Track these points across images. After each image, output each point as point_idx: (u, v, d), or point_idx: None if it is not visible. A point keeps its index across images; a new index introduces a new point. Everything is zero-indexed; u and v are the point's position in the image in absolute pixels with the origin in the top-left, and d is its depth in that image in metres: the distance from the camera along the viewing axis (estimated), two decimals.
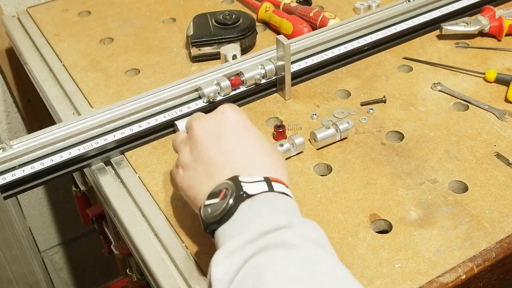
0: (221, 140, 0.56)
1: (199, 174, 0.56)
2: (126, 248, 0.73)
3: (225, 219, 0.51)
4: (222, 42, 0.90)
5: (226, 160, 0.55)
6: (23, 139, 0.73)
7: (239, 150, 0.55)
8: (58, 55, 0.96)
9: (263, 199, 0.51)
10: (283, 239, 0.47)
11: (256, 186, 0.52)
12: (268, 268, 0.46)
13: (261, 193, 0.51)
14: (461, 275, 0.60)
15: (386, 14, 0.91)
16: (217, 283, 0.47)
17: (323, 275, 0.45)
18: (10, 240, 0.88)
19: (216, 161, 0.55)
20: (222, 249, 0.48)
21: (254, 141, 0.57)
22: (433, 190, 0.68)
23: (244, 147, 0.56)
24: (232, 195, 0.51)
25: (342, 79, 0.87)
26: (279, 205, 0.51)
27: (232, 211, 0.51)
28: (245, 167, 0.54)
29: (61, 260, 1.56)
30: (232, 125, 0.57)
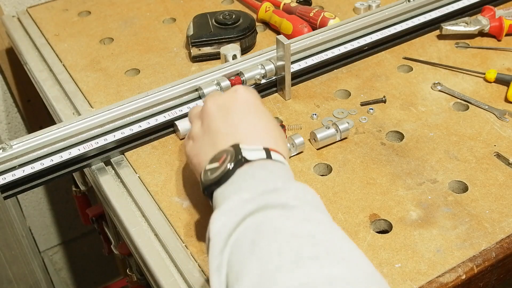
0: (229, 114, 0.59)
1: (205, 143, 0.59)
2: (126, 248, 0.73)
3: (223, 180, 0.53)
4: (222, 42, 0.90)
5: (231, 131, 0.58)
6: (23, 139, 0.73)
7: (244, 123, 0.59)
8: (58, 55, 0.96)
9: (261, 164, 0.54)
10: (282, 200, 0.49)
11: (255, 153, 0.55)
12: (267, 224, 0.47)
13: (259, 160, 0.54)
14: (461, 275, 0.60)
15: (386, 14, 0.91)
16: (215, 237, 0.48)
17: (320, 234, 0.46)
18: (10, 240, 0.88)
19: (221, 132, 0.59)
20: (221, 207, 0.50)
21: (260, 117, 0.60)
22: (433, 190, 0.68)
23: (249, 121, 0.59)
24: (231, 160, 0.54)
25: (342, 79, 0.87)
26: (276, 170, 0.54)
27: (230, 174, 0.53)
28: (247, 137, 0.57)
29: (61, 260, 1.56)
30: (242, 101, 0.61)
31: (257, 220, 0.48)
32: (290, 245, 0.44)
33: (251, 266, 0.44)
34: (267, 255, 0.44)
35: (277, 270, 0.43)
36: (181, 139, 0.78)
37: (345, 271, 0.42)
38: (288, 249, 0.44)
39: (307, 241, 0.45)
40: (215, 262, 0.47)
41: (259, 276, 0.43)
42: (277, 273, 0.42)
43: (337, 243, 0.46)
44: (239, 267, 0.45)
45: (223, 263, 0.47)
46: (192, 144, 0.62)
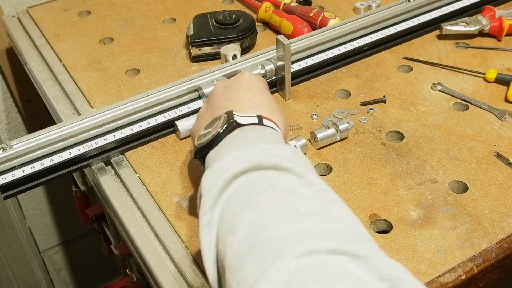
0: (231, 90, 0.63)
1: (206, 117, 0.61)
2: (126, 248, 0.73)
3: (214, 143, 0.55)
4: (222, 42, 0.90)
5: (229, 104, 0.60)
6: (23, 139, 0.73)
7: (242, 97, 0.61)
8: (58, 55, 0.96)
9: (252, 128, 0.55)
10: (274, 161, 0.49)
11: (247, 119, 0.56)
12: (262, 182, 0.47)
13: (251, 124, 0.55)
14: (461, 275, 0.60)
15: (386, 14, 0.91)
16: (206, 193, 0.48)
17: (315, 194, 0.46)
18: (10, 240, 0.88)
19: (221, 105, 0.61)
20: (213, 165, 0.50)
21: (260, 94, 0.62)
22: (433, 190, 0.68)
23: (248, 96, 0.61)
24: (223, 123, 0.55)
25: (342, 79, 0.87)
26: (267, 134, 0.55)
27: (221, 137, 0.55)
28: (243, 108, 0.59)
29: (61, 260, 1.56)
30: (245, 81, 0.64)
31: (250, 178, 0.48)
32: (286, 201, 0.45)
33: (245, 218, 0.44)
34: (262, 208, 0.44)
35: (273, 220, 0.42)
36: (181, 139, 0.78)
37: (340, 228, 0.42)
38: (284, 203, 0.44)
39: (302, 199, 0.45)
40: (205, 218, 0.47)
41: (252, 227, 0.43)
42: (272, 223, 0.42)
43: (331, 204, 0.46)
44: (232, 221, 0.45)
45: (214, 220, 0.47)
46: (196, 123, 0.64)
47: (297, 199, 0.45)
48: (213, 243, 0.46)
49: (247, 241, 0.42)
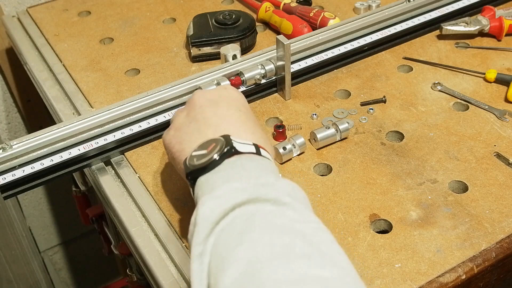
0: (219, 106, 0.60)
1: (190, 131, 0.59)
2: (126, 248, 0.73)
3: (210, 168, 0.53)
4: (222, 42, 0.90)
5: (221, 122, 0.58)
6: (23, 139, 0.73)
7: (234, 118, 0.59)
8: (58, 55, 0.96)
9: (250, 157, 0.54)
10: (273, 195, 0.48)
11: (245, 147, 0.54)
12: (259, 217, 0.46)
13: (248, 153, 0.54)
14: (461, 275, 0.60)
15: (386, 14, 0.91)
16: (202, 222, 0.47)
17: (311, 234, 0.46)
18: (10, 240, 0.88)
19: (211, 122, 0.58)
20: (211, 193, 0.50)
21: (249, 116, 0.60)
22: (433, 190, 0.68)
23: (239, 117, 0.59)
24: (221, 148, 0.53)
25: (342, 79, 0.87)
26: (265, 165, 0.54)
27: (218, 162, 0.53)
28: (237, 132, 0.57)
29: (61, 260, 1.56)
30: (230, 98, 0.61)
31: (247, 211, 0.47)
32: (282, 240, 0.44)
33: (239, 255, 0.43)
34: (257, 246, 0.43)
35: (267, 261, 0.42)
36: None
37: (335, 274, 0.42)
38: (280, 243, 0.43)
39: (299, 239, 0.44)
40: (198, 249, 0.46)
41: (247, 266, 0.42)
42: (267, 265, 0.41)
43: (327, 245, 0.45)
44: (225, 255, 0.44)
45: (207, 251, 0.46)
46: (173, 133, 0.61)
47: (294, 239, 0.44)
48: (205, 273, 0.45)
49: (240, 281, 0.41)
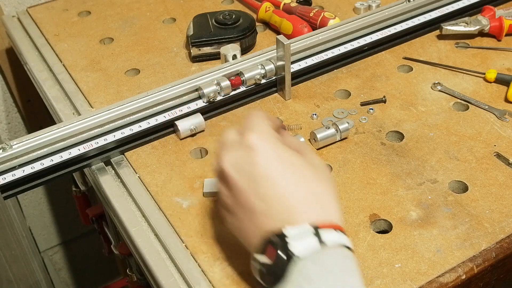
0: (255, 182, 0.51)
1: (242, 220, 0.53)
2: (126, 248, 0.73)
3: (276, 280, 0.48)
4: (222, 42, 0.90)
5: (266, 207, 0.50)
6: (23, 139, 0.73)
7: (277, 192, 0.50)
8: (58, 55, 0.96)
9: (313, 260, 0.47)
10: None
11: (304, 243, 0.47)
12: None
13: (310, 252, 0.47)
14: (461, 275, 0.60)
15: (386, 14, 0.91)
16: None
17: None
18: (10, 240, 0.88)
19: (256, 209, 0.51)
20: None
21: (292, 174, 0.51)
22: (433, 190, 0.68)
23: (282, 186, 0.51)
24: (279, 256, 0.47)
25: (342, 79, 0.87)
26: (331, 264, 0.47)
27: (281, 274, 0.47)
28: (288, 214, 0.50)
29: (61, 260, 1.56)
30: (263, 160, 0.51)
31: None
32: None
33: None
34: None
35: None
36: (181, 139, 0.78)
37: None
38: None
39: None
40: None
41: None
42: None
43: None
44: None
45: None
46: (229, 216, 0.55)
47: None
48: None
49: None
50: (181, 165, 0.74)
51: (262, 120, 0.55)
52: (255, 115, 0.56)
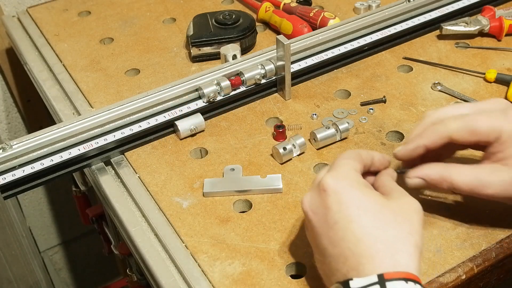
0: (327, 225, 0.51)
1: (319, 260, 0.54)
2: (126, 248, 0.73)
3: None
4: (222, 42, 0.90)
5: (337, 252, 0.50)
6: (23, 139, 0.73)
7: (346, 238, 0.50)
8: (58, 55, 0.96)
9: None
10: None
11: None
12: None
13: None
14: (461, 275, 0.60)
15: (386, 14, 0.91)
16: None
17: None
18: (10, 240, 0.88)
19: (328, 253, 0.51)
20: None
21: (364, 220, 0.50)
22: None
23: (353, 232, 0.49)
24: None
25: (342, 79, 0.87)
26: None
27: None
28: (355, 262, 0.49)
29: (61, 260, 1.56)
30: (335, 204, 0.51)
31: None
32: None
33: None
34: None
35: None
36: (181, 139, 0.78)
37: None
38: None
39: None
40: None
41: None
42: None
43: None
44: None
45: None
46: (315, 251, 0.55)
47: None
48: None
49: None
50: (181, 165, 0.74)
51: (347, 161, 0.55)
52: (344, 156, 0.56)
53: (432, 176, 0.58)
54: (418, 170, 0.59)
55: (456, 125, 0.58)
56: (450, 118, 0.59)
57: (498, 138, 0.57)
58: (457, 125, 0.58)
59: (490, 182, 0.57)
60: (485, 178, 0.57)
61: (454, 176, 0.57)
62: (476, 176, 0.57)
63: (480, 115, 0.58)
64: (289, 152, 0.73)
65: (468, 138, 0.57)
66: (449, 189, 0.59)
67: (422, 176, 0.59)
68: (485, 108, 0.59)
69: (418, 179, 0.59)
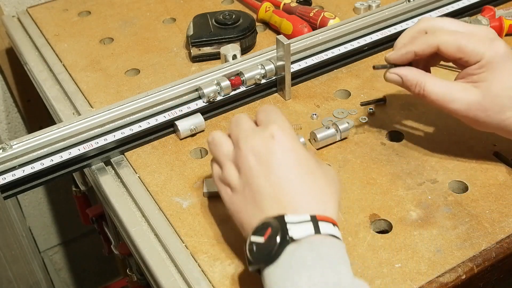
0: (270, 168, 0.55)
1: (246, 200, 0.56)
2: (126, 248, 0.73)
3: (270, 261, 0.51)
4: (222, 42, 0.90)
5: (274, 192, 0.54)
6: (23, 139, 0.73)
7: (287, 182, 0.54)
8: (58, 55, 0.96)
9: (309, 244, 0.50)
10: None
11: (302, 228, 0.51)
12: None
13: (306, 237, 0.51)
14: (461, 275, 0.60)
15: (386, 14, 0.91)
16: None
17: None
18: (10, 240, 0.88)
19: (264, 192, 0.54)
20: None
21: (304, 171, 0.55)
22: (433, 190, 0.68)
23: (293, 178, 0.54)
24: (277, 238, 0.51)
25: (342, 79, 0.87)
26: (325, 251, 0.50)
27: (277, 255, 0.50)
28: (292, 203, 0.53)
29: (61, 260, 1.56)
30: (282, 152, 0.55)
31: None
32: None
33: None
34: None
35: None
36: (181, 139, 0.78)
37: None
38: None
39: None
40: None
41: None
42: None
43: None
44: None
45: None
46: (231, 194, 0.58)
47: None
48: None
49: None
50: (181, 165, 0.74)
51: (281, 114, 0.60)
52: (273, 109, 0.60)
53: (408, 77, 0.66)
54: (398, 69, 0.67)
55: (446, 38, 0.64)
56: (442, 31, 0.65)
57: (478, 61, 0.63)
58: (447, 39, 0.64)
59: (458, 98, 0.63)
60: (455, 93, 0.64)
61: (427, 84, 0.64)
62: (447, 89, 0.64)
63: (469, 36, 0.64)
64: None
65: (453, 53, 0.64)
66: (419, 94, 0.65)
67: (400, 74, 0.66)
68: (476, 32, 0.65)
69: (396, 76, 0.67)
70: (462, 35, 0.64)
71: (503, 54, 0.63)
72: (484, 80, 0.63)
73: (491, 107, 0.63)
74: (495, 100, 0.62)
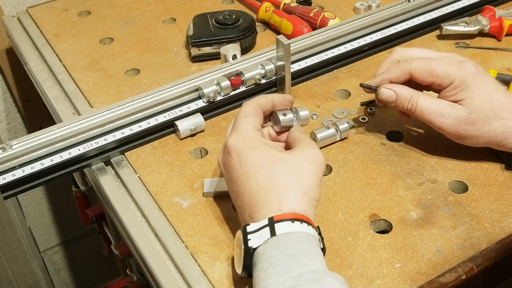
0: (233, 182, 0.59)
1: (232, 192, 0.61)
2: (126, 248, 0.73)
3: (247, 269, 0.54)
4: (222, 42, 0.90)
5: (240, 204, 0.58)
6: (23, 139, 0.73)
7: (247, 192, 0.57)
8: (58, 55, 0.96)
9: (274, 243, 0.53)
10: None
11: (261, 235, 0.54)
12: None
13: (270, 239, 0.53)
14: (461, 275, 0.60)
15: (386, 14, 0.91)
16: None
17: None
18: (10, 240, 0.88)
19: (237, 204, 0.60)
20: None
21: (258, 175, 0.57)
22: (433, 190, 0.68)
23: (250, 186, 0.57)
24: (242, 253, 0.54)
25: (342, 79, 0.87)
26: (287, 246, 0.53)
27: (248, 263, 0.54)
28: (252, 213, 0.56)
29: (61, 260, 1.56)
30: (237, 164, 0.58)
31: None
32: None
33: None
34: None
35: None
36: (181, 139, 0.78)
37: None
38: None
39: None
40: None
41: None
42: None
43: None
44: None
45: None
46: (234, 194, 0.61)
47: None
48: None
49: None
50: (181, 165, 0.74)
51: (247, 120, 0.62)
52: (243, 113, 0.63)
53: (402, 92, 0.68)
54: (393, 85, 0.70)
55: (418, 65, 0.68)
56: (414, 58, 0.69)
57: (451, 83, 0.66)
58: (419, 65, 0.68)
59: (448, 112, 0.66)
60: (444, 108, 0.66)
61: (420, 99, 0.67)
62: (438, 105, 0.67)
63: (439, 60, 0.67)
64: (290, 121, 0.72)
65: (426, 77, 0.67)
66: (410, 110, 0.68)
67: (394, 89, 0.69)
68: (445, 56, 0.69)
69: (391, 92, 0.69)
70: (432, 60, 0.68)
71: (474, 72, 0.66)
72: (464, 98, 0.66)
73: (478, 120, 0.65)
74: (480, 113, 0.65)
